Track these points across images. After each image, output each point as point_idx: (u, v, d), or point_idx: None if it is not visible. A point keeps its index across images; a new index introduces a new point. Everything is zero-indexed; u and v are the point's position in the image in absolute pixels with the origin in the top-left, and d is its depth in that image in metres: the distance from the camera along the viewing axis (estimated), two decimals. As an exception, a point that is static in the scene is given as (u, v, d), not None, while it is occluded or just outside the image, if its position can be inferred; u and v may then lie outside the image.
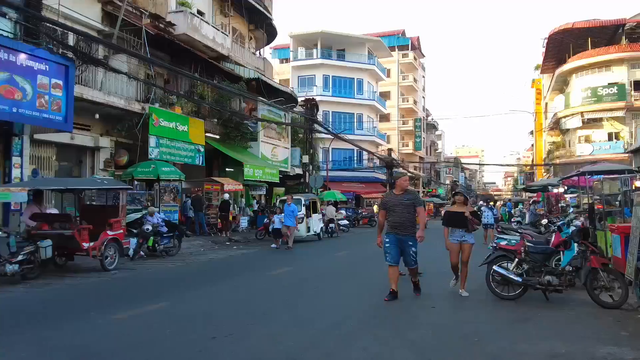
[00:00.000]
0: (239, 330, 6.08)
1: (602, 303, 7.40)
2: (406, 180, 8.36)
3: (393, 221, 7.98)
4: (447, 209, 9.11)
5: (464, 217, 8.34)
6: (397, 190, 8.19)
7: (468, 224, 8.34)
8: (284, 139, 30.79)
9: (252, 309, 7.48)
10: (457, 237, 8.46)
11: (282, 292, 9.19)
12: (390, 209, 8.04)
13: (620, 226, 9.15)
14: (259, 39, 33.39)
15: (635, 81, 41.80)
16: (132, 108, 19.56)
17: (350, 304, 7.96)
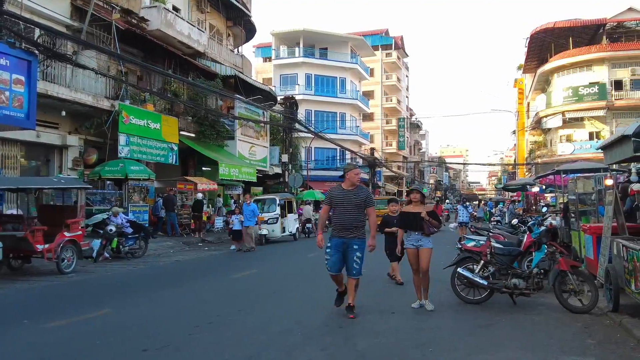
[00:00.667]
0: (177, 341, 5.61)
1: (571, 307, 7.02)
2: (357, 173, 7.03)
3: (338, 221, 6.83)
4: (402, 209, 7.93)
5: (419, 219, 7.25)
6: (346, 185, 6.97)
7: (424, 227, 7.24)
8: (262, 137, 30.26)
9: (202, 315, 7.00)
10: (412, 241, 7.38)
11: (239, 296, 8.70)
12: (336, 206, 6.90)
13: (592, 226, 8.85)
14: (237, 36, 32.83)
15: (616, 81, 41.89)
16: (101, 105, 18.97)
17: (306, 309, 7.47)
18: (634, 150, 5.72)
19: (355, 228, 6.80)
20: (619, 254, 6.71)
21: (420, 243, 7.34)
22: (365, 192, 7.08)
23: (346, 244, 6.76)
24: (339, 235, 6.81)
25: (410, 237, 7.41)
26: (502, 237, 10.47)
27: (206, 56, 27.15)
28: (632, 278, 6.03)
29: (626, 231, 7.61)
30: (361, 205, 6.86)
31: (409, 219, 7.40)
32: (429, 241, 7.39)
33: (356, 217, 6.82)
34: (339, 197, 6.93)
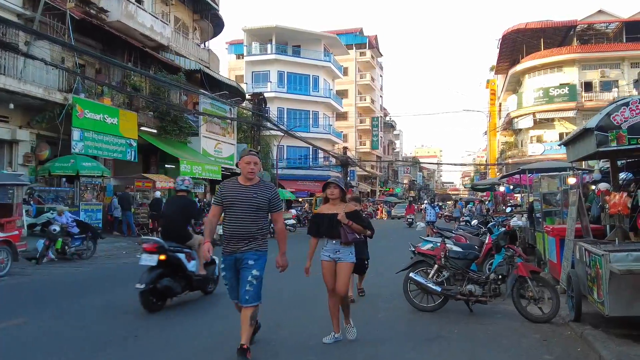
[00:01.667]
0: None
1: (530, 316, 6.49)
2: (251, 162, 5.01)
3: (229, 228, 5.01)
4: (316, 210, 5.99)
5: (336, 222, 5.48)
6: (243, 179, 5.06)
7: (342, 233, 5.49)
8: (229, 134, 29.44)
9: (121, 328, 6.24)
10: (329, 251, 5.61)
11: (172, 306, 7.83)
12: (229, 206, 4.98)
13: (555, 228, 8.36)
14: (204, 30, 31.92)
15: (586, 82, 42.23)
16: (53, 98, 18.04)
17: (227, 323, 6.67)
18: (596, 145, 5.20)
19: (252, 238, 4.93)
20: (581, 259, 6.19)
21: (338, 255, 5.58)
22: (269, 190, 5.09)
23: (239, 259, 4.95)
24: (230, 250, 4.99)
25: (327, 246, 5.63)
26: (464, 239, 9.97)
27: (170, 50, 26.25)
28: (595, 285, 5.51)
29: (590, 234, 7.13)
30: (262, 207, 4.99)
31: (322, 222, 5.60)
32: (350, 253, 5.63)
33: (254, 224, 4.95)
34: (232, 194, 5.00)
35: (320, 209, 5.83)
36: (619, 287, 5.01)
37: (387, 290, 8.42)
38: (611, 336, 5.45)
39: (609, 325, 5.77)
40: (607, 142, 5.38)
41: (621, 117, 5.39)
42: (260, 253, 5.01)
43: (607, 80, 41.82)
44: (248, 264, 4.92)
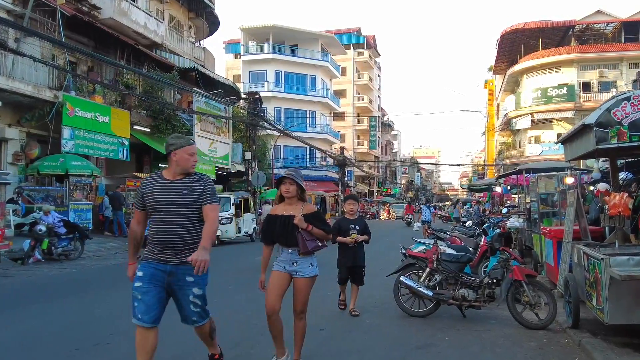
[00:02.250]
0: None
1: (526, 322, 6.18)
2: (193, 153, 4.00)
3: (155, 233, 3.88)
4: (270, 212, 4.86)
5: (293, 227, 4.47)
6: (170, 173, 3.98)
7: (299, 240, 4.46)
8: (224, 133, 29.08)
9: (93, 334, 5.90)
10: (284, 262, 4.57)
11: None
12: (153, 207, 3.89)
13: (552, 229, 8.06)
14: (199, 29, 31.62)
15: (584, 82, 42.01)
16: (43, 96, 17.72)
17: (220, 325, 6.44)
18: (596, 142, 4.90)
19: (186, 245, 3.82)
20: (579, 262, 5.89)
21: (295, 268, 4.54)
22: (202, 182, 3.95)
23: (172, 274, 3.82)
24: (158, 258, 3.83)
25: (281, 255, 4.60)
26: (459, 241, 9.66)
27: (164, 48, 25.96)
28: (594, 291, 5.20)
29: (589, 236, 6.83)
30: (196, 204, 3.87)
31: (276, 226, 4.55)
32: (311, 264, 4.58)
33: (187, 229, 3.84)
34: (155, 193, 3.89)
35: (274, 210, 4.71)
36: (619, 293, 4.71)
37: (377, 294, 8.10)
38: (611, 345, 5.15)
39: (608, 333, 5.48)
40: (607, 139, 5.08)
41: (622, 112, 5.10)
42: None
43: (606, 80, 41.60)
44: (186, 281, 3.80)
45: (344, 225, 6.95)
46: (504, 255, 6.54)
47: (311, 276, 4.61)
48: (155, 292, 3.77)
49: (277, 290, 4.50)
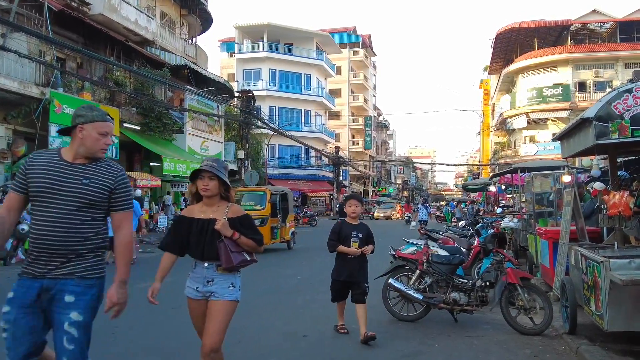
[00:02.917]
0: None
1: (520, 328, 5.88)
2: (106, 130, 2.99)
3: (37, 236, 2.85)
4: (182, 212, 3.96)
5: (213, 235, 3.50)
6: (70, 153, 2.97)
7: (220, 252, 3.46)
8: (216, 132, 28.75)
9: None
10: (197, 281, 3.57)
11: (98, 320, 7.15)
12: (38, 196, 2.87)
13: (548, 230, 7.76)
14: (192, 26, 31.24)
15: (580, 82, 41.83)
16: (29, 92, 17.34)
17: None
18: (595, 137, 4.60)
19: (73, 254, 2.85)
20: (577, 265, 5.59)
21: (210, 288, 3.51)
22: (112, 174, 2.99)
23: (48, 291, 2.82)
24: (32, 271, 2.85)
25: (195, 270, 3.60)
26: (452, 242, 9.38)
27: (155, 45, 25.57)
28: (592, 296, 4.90)
29: (586, 236, 6.53)
30: (97, 202, 2.92)
31: (190, 232, 3.58)
32: (232, 285, 3.53)
33: (78, 229, 2.86)
34: (45, 176, 2.87)
35: (188, 211, 3.67)
36: (620, 298, 4.41)
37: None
38: (610, 352, 4.86)
39: (607, 340, 5.18)
40: (607, 134, 4.77)
41: (623, 105, 4.79)
42: (88, 283, 2.85)
43: (601, 80, 41.42)
44: (64, 301, 2.78)
45: (345, 231, 5.59)
46: (497, 257, 6.23)
47: (230, 300, 3.47)
48: (26, 322, 2.76)
49: (198, 317, 3.59)
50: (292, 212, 18.24)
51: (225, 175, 3.58)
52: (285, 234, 16.83)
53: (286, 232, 16.95)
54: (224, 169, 3.60)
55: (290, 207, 17.79)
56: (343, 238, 5.63)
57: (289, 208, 17.68)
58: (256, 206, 16.02)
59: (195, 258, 3.59)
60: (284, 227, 16.76)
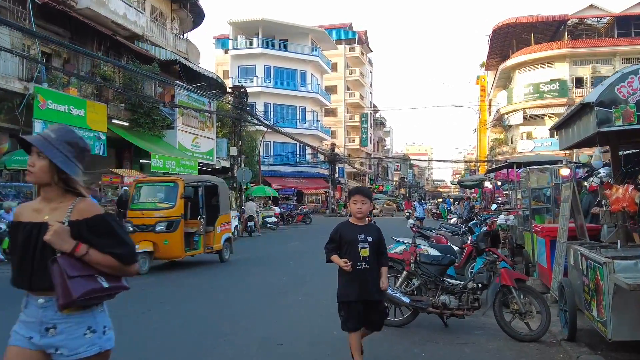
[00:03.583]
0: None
1: (515, 334, 5.43)
2: None
3: None
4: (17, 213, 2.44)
5: (44, 250, 2.21)
6: None
7: (55, 278, 2.14)
8: (208, 128, 28.22)
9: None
10: (30, 325, 2.26)
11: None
12: None
13: (545, 227, 7.32)
14: (183, 20, 30.67)
15: (577, 78, 41.41)
16: (11, 87, 16.86)
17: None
18: (597, 124, 4.14)
19: None
20: (576, 265, 5.14)
21: (51, 340, 2.22)
22: None
23: None
24: None
25: (27, 309, 2.29)
26: (445, 240, 8.92)
27: (145, 39, 25.05)
28: (594, 300, 4.45)
29: (586, 234, 6.08)
30: None
31: (17, 244, 2.32)
32: (89, 331, 2.25)
33: None
34: None
35: (20, 209, 2.45)
36: (625, 304, 3.95)
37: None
38: (613, 362, 4.41)
39: (610, 347, 4.73)
40: (610, 120, 4.30)
41: (628, 89, 4.34)
42: None
43: (599, 76, 40.91)
44: None
45: (348, 234, 4.32)
46: (490, 257, 5.75)
47: (90, 355, 2.23)
48: None
49: None
50: (226, 211, 13.34)
51: (63, 154, 2.28)
52: (214, 242, 12.40)
53: (216, 239, 12.49)
54: (66, 144, 2.32)
55: (223, 203, 13.09)
56: (346, 243, 4.28)
57: (222, 205, 12.97)
58: (162, 203, 11.68)
59: (23, 288, 2.29)
60: (212, 233, 12.38)
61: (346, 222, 4.46)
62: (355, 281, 4.21)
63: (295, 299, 7.66)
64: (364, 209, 4.37)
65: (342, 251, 4.28)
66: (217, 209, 12.77)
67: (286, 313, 6.74)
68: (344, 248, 4.29)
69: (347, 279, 4.26)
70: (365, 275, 4.22)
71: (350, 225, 4.40)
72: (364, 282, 4.22)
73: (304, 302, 7.43)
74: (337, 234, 4.35)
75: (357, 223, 4.38)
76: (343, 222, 4.49)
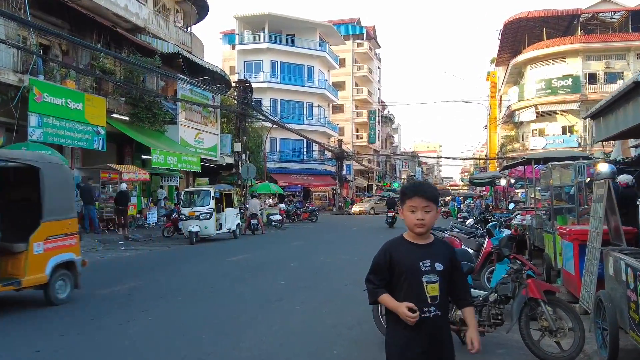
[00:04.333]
0: None
1: (544, 355, 4.70)
2: None
3: None
4: None
5: None
6: None
7: None
8: (212, 123, 27.57)
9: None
10: None
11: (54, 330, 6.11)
12: None
13: (573, 229, 6.55)
14: (187, 13, 30.04)
15: (590, 73, 40.52)
16: (5, 79, 16.24)
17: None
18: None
19: None
20: (618, 276, 4.41)
21: None
22: None
23: None
24: None
25: None
26: (458, 242, 8.16)
27: (147, 32, 24.42)
28: (645, 320, 3.72)
29: (623, 239, 5.33)
30: None
31: None
32: None
33: None
34: None
35: None
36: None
37: (350, 313, 6.57)
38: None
39: (660, 375, 4.00)
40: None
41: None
42: None
43: (612, 71, 40.11)
44: None
45: (404, 259, 2.70)
46: (515, 265, 5.01)
47: None
48: None
49: None
50: (62, 215, 7.78)
51: None
52: (25, 270, 7.12)
53: (31, 266, 7.17)
54: None
55: (53, 200, 7.52)
56: (402, 274, 2.66)
57: (49, 203, 7.46)
58: None
59: None
60: (25, 255, 7.14)
61: (399, 239, 2.74)
62: (419, 338, 2.57)
63: (292, 308, 6.94)
64: (428, 220, 2.63)
65: (397, 287, 2.64)
66: (39, 214, 7.35)
67: (280, 326, 6.01)
68: (399, 282, 2.64)
69: (406, 335, 2.59)
70: (436, 329, 2.61)
71: (406, 244, 2.70)
72: (436, 341, 2.61)
73: (302, 312, 6.71)
74: (386, 259, 2.68)
75: (417, 241, 2.69)
76: (394, 239, 2.76)
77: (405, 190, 2.78)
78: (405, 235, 2.73)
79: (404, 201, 2.74)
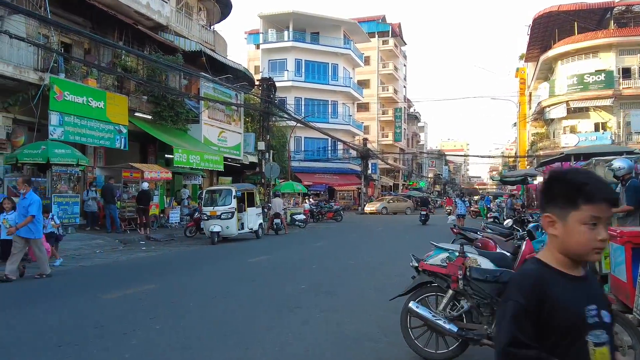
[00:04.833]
0: None
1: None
2: None
3: None
4: None
5: None
6: None
7: None
8: (235, 122, 27.25)
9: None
10: None
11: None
12: None
13: (625, 231, 5.87)
14: (210, 11, 29.81)
15: (624, 68, 39.03)
16: (26, 78, 16.16)
17: None
18: None
19: None
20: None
21: None
22: None
23: None
24: None
25: None
26: (493, 244, 7.51)
27: (170, 30, 24.21)
28: None
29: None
30: None
31: None
32: None
33: None
34: None
35: None
36: None
37: (375, 323, 5.99)
38: None
39: None
40: None
41: None
42: None
43: (647, 66, 38.56)
44: None
45: (572, 306, 1.58)
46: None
47: None
48: None
49: None
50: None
51: None
52: None
53: None
54: None
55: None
56: (564, 330, 1.57)
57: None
58: None
59: None
60: None
61: (542, 266, 1.66)
62: None
63: (310, 316, 6.40)
64: (602, 243, 1.61)
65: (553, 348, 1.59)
66: None
67: (295, 338, 5.48)
68: (558, 345, 1.58)
69: None
70: None
71: (557, 275, 1.63)
72: None
73: (321, 321, 6.16)
74: (539, 299, 1.58)
75: (573, 272, 1.64)
76: (533, 264, 1.69)
77: (582, 187, 1.58)
78: (546, 260, 1.66)
79: (574, 204, 1.58)
